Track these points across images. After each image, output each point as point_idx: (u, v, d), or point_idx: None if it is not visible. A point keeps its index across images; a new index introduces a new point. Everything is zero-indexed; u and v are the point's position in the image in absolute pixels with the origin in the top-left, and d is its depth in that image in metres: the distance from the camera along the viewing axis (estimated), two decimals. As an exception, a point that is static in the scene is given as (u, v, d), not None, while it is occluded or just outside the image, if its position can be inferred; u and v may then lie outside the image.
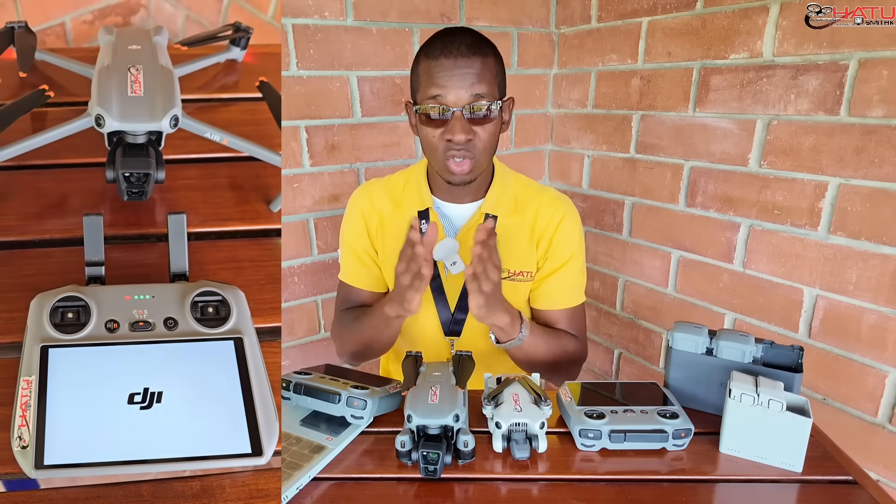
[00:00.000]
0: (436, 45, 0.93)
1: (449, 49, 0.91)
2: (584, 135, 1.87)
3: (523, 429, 0.76)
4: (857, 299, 1.25)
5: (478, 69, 0.92)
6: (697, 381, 0.87)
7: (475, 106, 0.92)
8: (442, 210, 1.09)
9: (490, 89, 0.94)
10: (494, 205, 1.07)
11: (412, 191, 1.10)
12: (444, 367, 0.89)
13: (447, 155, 0.96)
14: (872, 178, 1.18)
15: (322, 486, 0.72)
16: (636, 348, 1.84)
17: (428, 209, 1.08)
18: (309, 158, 1.56)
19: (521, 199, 1.10)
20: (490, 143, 0.98)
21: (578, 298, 1.11)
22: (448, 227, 1.08)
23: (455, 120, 0.92)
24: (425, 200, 1.08)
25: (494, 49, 0.97)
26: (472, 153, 0.96)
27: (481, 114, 0.93)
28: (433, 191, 1.09)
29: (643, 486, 0.72)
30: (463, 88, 0.91)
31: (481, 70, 0.92)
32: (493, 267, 0.88)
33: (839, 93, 1.21)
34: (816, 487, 0.72)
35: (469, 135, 0.93)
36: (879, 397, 1.24)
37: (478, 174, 1.00)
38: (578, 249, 1.10)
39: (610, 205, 1.82)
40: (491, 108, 0.94)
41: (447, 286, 1.09)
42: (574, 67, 1.86)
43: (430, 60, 0.93)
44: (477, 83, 0.92)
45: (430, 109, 0.94)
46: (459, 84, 0.91)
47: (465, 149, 0.95)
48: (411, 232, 0.89)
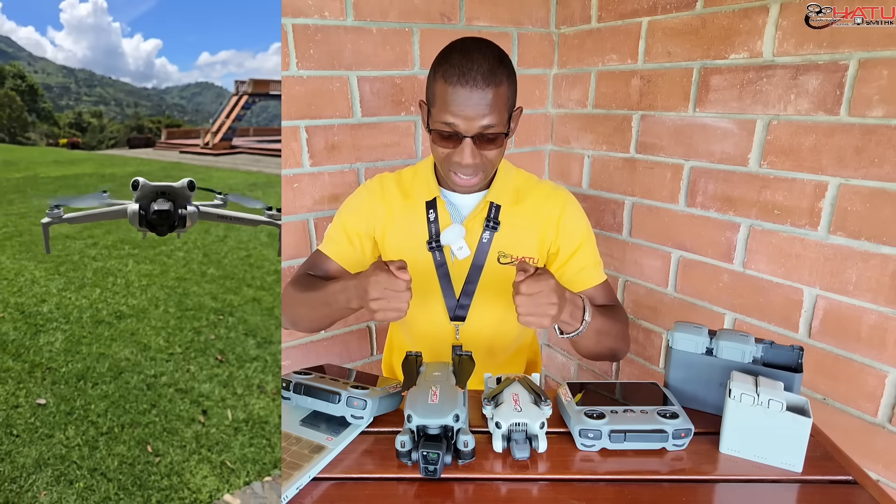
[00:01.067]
0: (453, 70, 0.93)
1: (465, 78, 0.92)
2: (584, 135, 1.87)
3: (523, 429, 0.76)
4: (857, 299, 1.25)
5: (490, 101, 0.93)
6: (697, 381, 0.87)
7: (486, 135, 0.96)
8: (449, 199, 1.12)
9: (500, 118, 0.96)
10: (498, 195, 1.11)
11: (420, 182, 1.14)
12: (444, 367, 0.89)
13: (454, 170, 1.01)
14: (872, 178, 1.18)
15: (322, 486, 0.72)
16: (636, 348, 1.84)
17: (435, 198, 1.11)
18: (309, 158, 1.56)
19: (521, 189, 1.14)
20: (497, 160, 1.03)
21: (602, 274, 1.15)
22: (455, 216, 1.12)
23: (464, 146, 0.96)
24: (433, 190, 1.12)
25: (510, 70, 0.98)
26: (480, 170, 1.01)
27: (490, 138, 0.97)
28: (440, 182, 1.13)
29: (643, 486, 0.72)
30: (475, 119, 0.94)
31: (494, 101, 0.94)
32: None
33: (839, 93, 1.21)
34: (816, 487, 0.72)
35: (476, 159, 0.97)
36: (879, 397, 1.24)
37: (483, 184, 1.06)
38: (587, 230, 1.15)
39: (610, 205, 1.82)
40: (499, 133, 0.97)
41: (453, 272, 1.13)
42: (574, 67, 1.86)
43: (448, 86, 0.94)
44: (489, 114, 0.94)
45: (442, 131, 0.97)
46: (472, 115, 0.93)
47: (473, 168, 0.99)
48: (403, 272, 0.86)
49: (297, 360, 1.72)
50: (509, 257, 1.11)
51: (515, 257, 1.11)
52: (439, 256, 1.12)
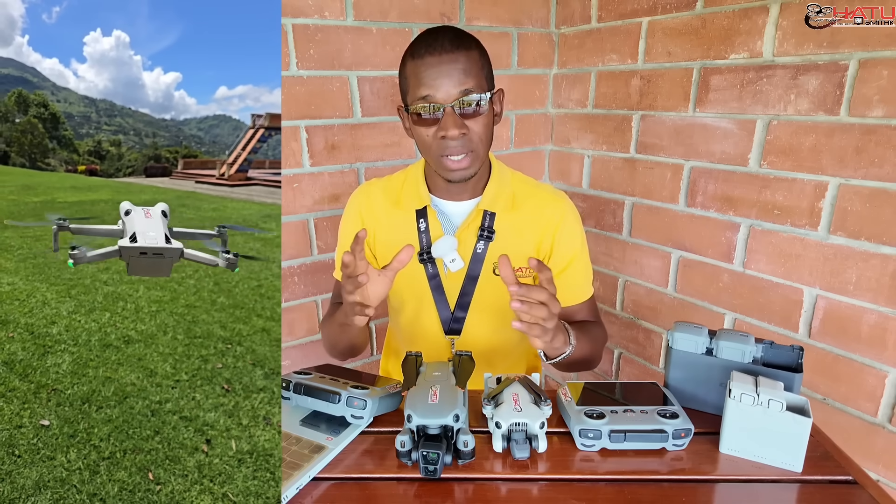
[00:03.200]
0: (420, 45, 0.94)
1: (433, 47, 0.92)
2: (584, 135, 1.87)
3: (523, 429, 0.76)
4: (857, 299, 1.25)
5: (463, 64, 0.92)
6: (697, 381, 0.87)
7: (465, 101, 0.93)
8: (440, 208, 1.09)
9: (478, 82, 0.94)
10: (492, 201, 1.07)
11: (410, 189, 1.10)
12: (444, 367, 0.88)
13: (443, 152, 0.96)
14: (872, 178, 1.18)
15: (322, 486, 0.72)
16: (636, 348, 1.84)
17: (426, 207, 1.08)
18: (309, 158, 1.56)
19: (519, 195, 1.10)
20: (485, 136, 0.98)
21: (590, 289, 1.16)
22: (446, 225, 1.08)
23: (447, 116, 0.93)
24: (423, 199, 1.08)
25: (478, 43, 0.98)
26: (469, 147, 0.96)
27: (472, 108, 0.94)
28: (431, 189, 1.09)
29: (643, 486, 0.72)
30: (451, 85, 0.92)
31: (467, 64, 0.93)
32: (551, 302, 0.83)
33: (839, 93, 1.21)
34: (816, 487, 0.72)
35: (462, 129, 0.94)
36: (879, 397, 1.24)
37: (477, 168, 1.00)
38: (581, 245, 1.13)
39: (610, 205, 1.82)
40: (481, 100, 0.95)
41: (447, 285, 1.09)
42: (574, 67, 1.86)
43: (416, 60, 0.93)
44: (464, 78, 0.92)
45: (421, 109, 0.94)
46: (447, 81, 0.92)
47: (461, 144, 0.95)
48: (347, 254, 0.85)
49: (297, 360, 1.73)
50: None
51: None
52: (431, 268, 1.08)
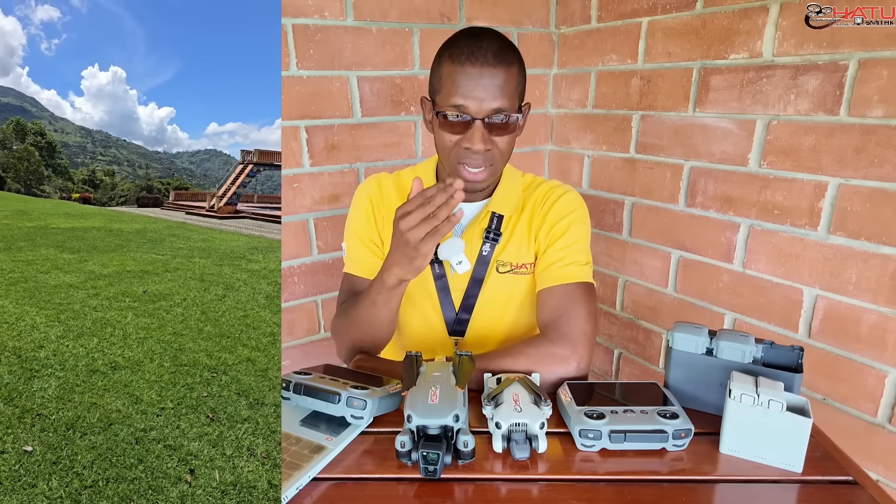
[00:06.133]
0: (461, 50, 0.90)
1: (475, 56, 0.89)
2: (584, 135, 1.87)
3: (523, 429, 0.76)
4: (857, 299, 1.25)
5: (502, 81, 0.90)
6: (697, 382, 0.87)
7: (496, 118, 0.91)
8: None
9: (512, 102, 0.92)
10: (501, 203, 1.07)
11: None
12: (443, 367, 0.88)
13: (462, 160, 0.95)
14: (872, 178, 1.18)
15: (322, 486, 0.72)
16: (636, 348, 1.84)
17: None
18: (309, 158, 1.56)
19: (525, 195, 1.11)
20: (507, 151, 0.98)
21: (576, 276, 1.03)
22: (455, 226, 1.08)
23: (475, 130, 0.91)
24: None
25: (519, 56, 0.95)
26: (490, 161, 0.96)
27: (501, 124, 0.93)
28: None
29: (643, 486, 0.72)
30: (486, 100, 0.90)
31: (505, 81, 0.90)
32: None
33: (839, 93, 1.21)
34: (816, 487, 0.72)
35: (488, 145, 0.92)
36: (879, 397, 1.24)
37: (492, 181, 1.00)
38: (572, 225, 1.07)
39: (610, 205, 1.82)
40: (510, 118, 0.93)
41: (452, 286, 1.10)
42: (574, 67, 1.86)
43: (455, 65, 0.90)
44: (500, 96, 0.90)
45: (451, 115, 0.92)
46: (483, 95, 0.89)
47: (483, 158, 0.94)
48: (421, 188, 0.82)
49: (297, 360, 1.72)
50: (508, 265, 1.08)
51: (514, 264, 1.08)
52: (438, 269, 1.08)
